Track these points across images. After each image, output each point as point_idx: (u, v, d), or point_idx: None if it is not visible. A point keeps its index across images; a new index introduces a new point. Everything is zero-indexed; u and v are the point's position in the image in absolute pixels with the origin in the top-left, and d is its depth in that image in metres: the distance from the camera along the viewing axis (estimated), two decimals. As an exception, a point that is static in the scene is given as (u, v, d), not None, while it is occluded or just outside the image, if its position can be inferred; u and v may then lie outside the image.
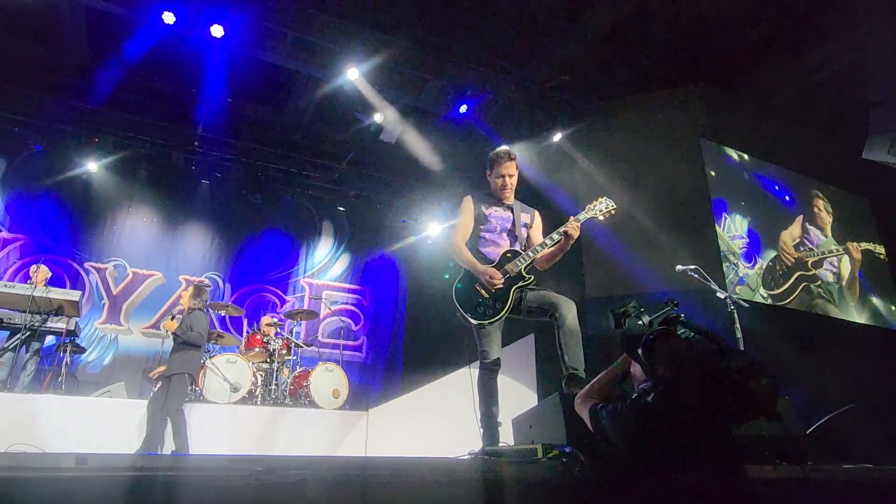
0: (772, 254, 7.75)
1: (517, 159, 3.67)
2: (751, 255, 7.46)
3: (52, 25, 7.00)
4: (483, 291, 3.29)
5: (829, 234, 8.58)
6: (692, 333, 2.14)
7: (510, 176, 3.61)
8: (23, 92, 8.00)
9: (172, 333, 5.46)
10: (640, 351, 2.12)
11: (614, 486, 2.16)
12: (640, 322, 2.26)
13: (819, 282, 8.00)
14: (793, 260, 7.92)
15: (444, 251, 10.77)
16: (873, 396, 5.88)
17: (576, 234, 3.33)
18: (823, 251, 8.35)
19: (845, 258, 8.48)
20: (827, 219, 8.65)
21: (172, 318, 5.56)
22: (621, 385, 2.34)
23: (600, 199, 3.55)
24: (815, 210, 8.60)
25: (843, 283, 8.28)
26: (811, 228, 8.44)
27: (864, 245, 8.83)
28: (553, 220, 3.55)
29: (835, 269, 8.33)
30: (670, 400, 1.96)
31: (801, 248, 8.16)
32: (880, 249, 8.96)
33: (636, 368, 2.22)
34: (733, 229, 7.47)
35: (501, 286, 3.28)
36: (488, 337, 3.32)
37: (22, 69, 7.77)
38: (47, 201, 8.78)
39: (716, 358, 2.05)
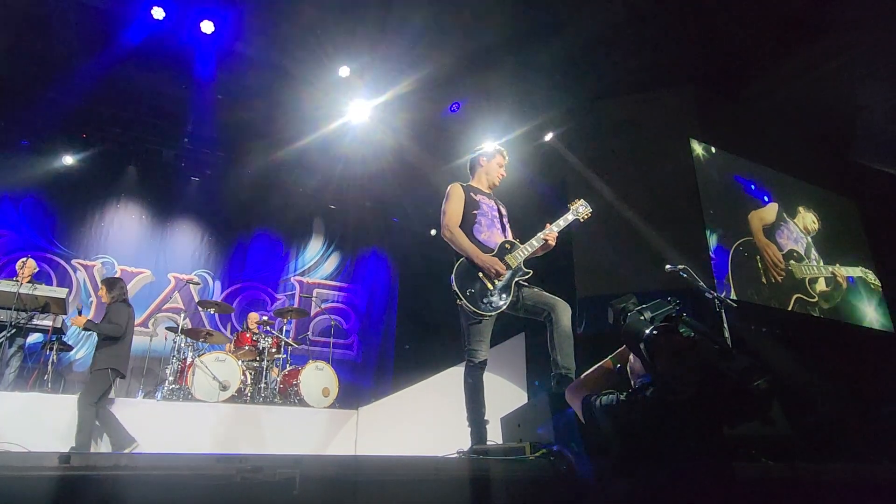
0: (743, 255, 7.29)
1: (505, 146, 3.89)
2: (717, 277, 6.84)
3: (40, 20, 6.92)
4: (487, 282, 3.24)
5: (810, 238, 8.30)
6: (693, 332, 2.15)
7: (503, 167, 3.81)
8: (9, 87, 7.90)
9: (84, 328, 5.46)
10: (641, 345, 2.13)
11: (601, 485, 2.16)
12: (642, 317, 2.27)
13: (815, 298, 7.76)
14: (783, 271, 7.53)
15: (437, 249, 10.77)
16: (860, 396, 5.95)
17: (552, 242, 3.49)
18: (814, 262, 8.02)
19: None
20: (810, 225, 8.41)
21: (80, 313, 5.52)
22: (617, 379, 2.35)
23: (578, 202, 3.71)
24: (799, 212, 8.37)
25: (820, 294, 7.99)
26: (790, 222, 8.10)
27: (855, 272, 8.51)
28: (545, 220, 3.56)
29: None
30: (668, 396, 1.97)
31: (782, 244, 7.74)
32: (872, 277, 8.65)
33: (635, 363, 2.22)
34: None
35: (505, 278, 3.27)
36: (480, 335, 3.26)
37: (9, 64, 7.67)
38: (34, 197, 8.69)
39: (716, 358, 2.06)
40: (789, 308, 7.40)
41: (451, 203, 3.51)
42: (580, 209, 3.67)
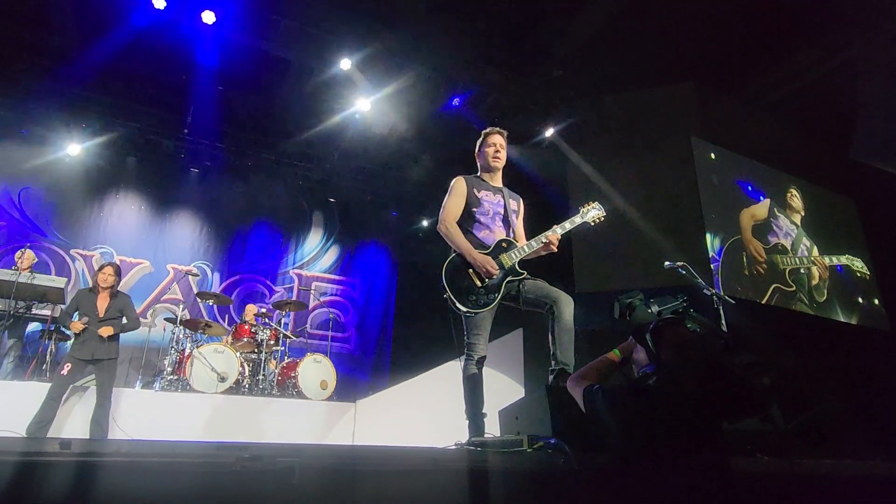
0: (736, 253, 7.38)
1: (507, 140, 3.62)
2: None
3: (40, 7, 6.89)
4: (476, 280, 3.19)
5: (799, 224, 8.40)
6: (700, 328, 2.17)
7: (501, 146, 3.56)
8: (9, 75, 7.87)
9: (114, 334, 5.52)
10: (647, 336, 2.14)
11: (598, 477, 2.17)
12: (650, 311, 2.29)
13: (794, 288, 7.84)
14: (764, 263, 7.58)
15: (436, 243, 10.78)
16: (855, 393, 5.97)
17: (555, 245, 3.34)
18: (798, 252, 8.10)
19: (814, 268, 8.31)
20: (798, 207, 8.47)
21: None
22: (621, 371, 2.36)
23: (592, 205, 3.55)
24: (788, 198, 8.45)
25: (812, 287, 8.10)
26: (780, 216, 8.18)
27: (841, 260, 8.60)
28: (544, 215, 3.54)
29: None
30: (671, 386, 1.97)
31: (770, 240, 7.86)
32: (859, 265, 8.72)
33: (640, 354, 2.23)
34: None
35: (496, 278, 3.22)
36: (477, 328, 3.24)
37: (8, 52, 7.64)
38: (33, 187, 8.67)
39: (721, 353, 2.07)
40: (765, 299, 7.48)
41: (450, 198, 3.44)
42: (591, 213, 3.51)
